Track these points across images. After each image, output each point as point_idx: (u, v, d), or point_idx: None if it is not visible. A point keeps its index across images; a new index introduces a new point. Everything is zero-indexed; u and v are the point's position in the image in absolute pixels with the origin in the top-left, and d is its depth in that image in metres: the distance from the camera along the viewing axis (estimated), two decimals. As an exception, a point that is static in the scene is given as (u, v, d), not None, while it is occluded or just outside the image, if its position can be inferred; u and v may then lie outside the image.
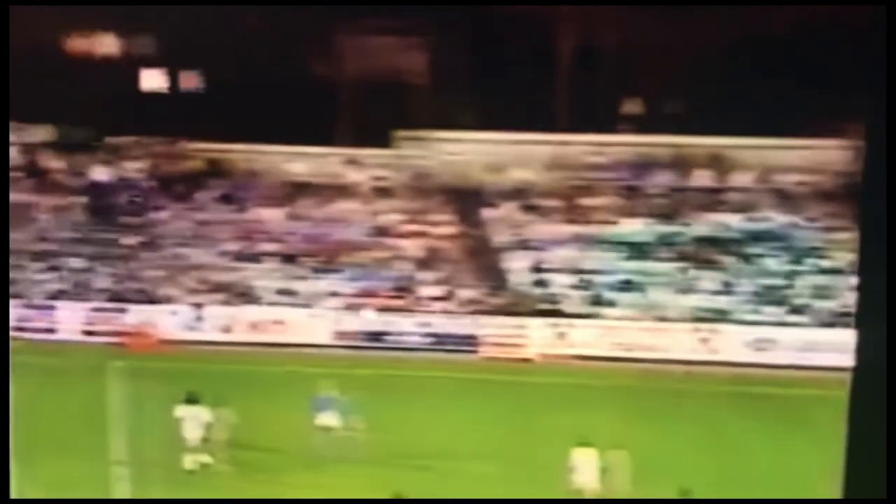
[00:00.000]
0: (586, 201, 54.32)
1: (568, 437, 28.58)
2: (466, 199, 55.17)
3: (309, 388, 34.00)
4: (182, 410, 31.81)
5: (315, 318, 49.34)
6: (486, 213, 54.78)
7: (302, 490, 29.97)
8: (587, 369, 45.32)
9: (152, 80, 62.25)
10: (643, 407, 38.68)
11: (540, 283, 51.25)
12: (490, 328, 48.95)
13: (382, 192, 55.56)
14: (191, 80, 62.43)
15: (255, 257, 52.21)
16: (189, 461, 31.65)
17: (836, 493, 6.37)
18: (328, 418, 32.46)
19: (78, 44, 63.10)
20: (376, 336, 48.88)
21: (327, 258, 52.26)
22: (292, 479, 31.16)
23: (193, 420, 31.55)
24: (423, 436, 35.26)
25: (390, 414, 36.79)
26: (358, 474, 31.24)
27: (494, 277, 51.94)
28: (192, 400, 31.89)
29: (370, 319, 49.14)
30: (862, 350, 6.35)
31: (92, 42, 63.20)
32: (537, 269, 51.85)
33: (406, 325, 49.24)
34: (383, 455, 32.68)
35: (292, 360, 45.21)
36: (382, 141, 57.07)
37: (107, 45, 63.50)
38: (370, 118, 58.71)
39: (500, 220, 54.31)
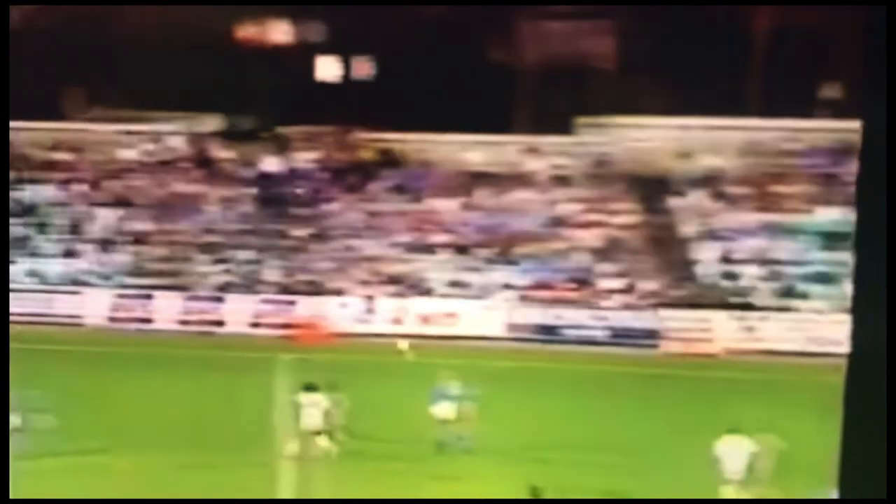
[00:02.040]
0: (779, 189, 53.86)
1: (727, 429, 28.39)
2: (651, 187, 55.13)
3: (461, 379, 34.55)
4: (302, 398, 32.69)
5: (488, 311, 50.11)
6: (673, 201, 54.71)
7: (428, 481, 30.58)
8: (772, 364, 44.95)
9: (326, 68, 63.71)
10: (826, 402, 38.14)
11: (728, 275, 51.05)
12: (673, 322, 48.95)
13: (561, 180, 55.93)
14: (364, 69, 63.78)
15: (428, 248, 53.15)
16: (293, 448, 32.35)
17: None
18: (445, 410, 33.21)
19: (249, 32, 64.95)
20: (550, 329, 49.36)
21: (502, 249, 52.88)
22: (414, 470, 31.69)
23: (313, 407, 32.44)
24: (565, 429, 35.36)
25: (543, 407, 37.30)
26: (495, 467, 31.67)
27: (679, 269, 51.84)
28: (311, 388, 32.83)
29: (545, 312, 49.88)
30: (858, 337, 6.57)
31: (263, 31, 65.01)
32: (726, 259, 51.66)
33: (582, 319, 49.64)
34: (520, 448, 32.80)
35: (461, 353, 45.85)
36: (562, 128, 57.44)
37: (279, 33, 65.23)
38: (550, 104, 59.14)
39: (688, 208, 54.17)
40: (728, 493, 27.30)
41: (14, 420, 30.94)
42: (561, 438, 34.15)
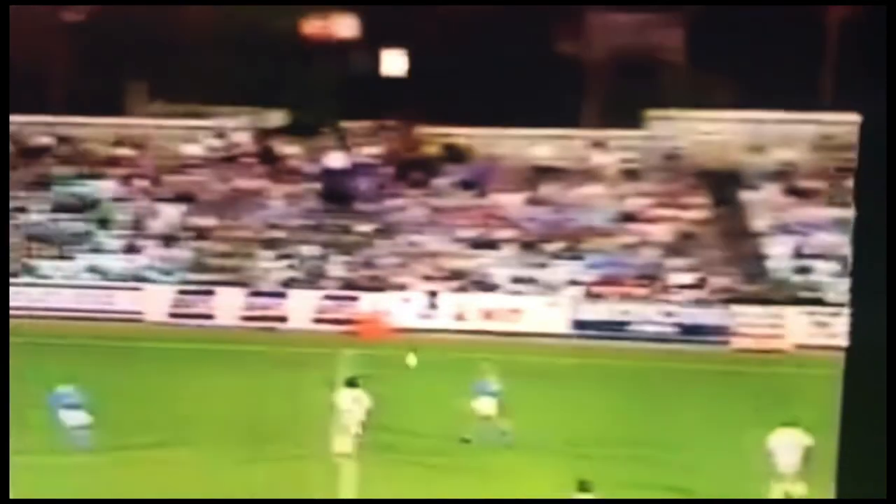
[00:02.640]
0: (852, 183, 53.32)
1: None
2: (722, 182, 54.83)
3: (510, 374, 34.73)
4: (343, 395, 32.99)
5: (553, 307, 50.05)
6: (745, 195, 54.44)
7: (469, 476, 30.65)
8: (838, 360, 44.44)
9: (391, 63, 63.79)
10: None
11: (800, 270, 50.71)
12: (744, 317, 48.65)
13: (630, 174, 55.80)
14: (428, 63, 63.71)
15: (492, 244, 53.15)
16: (343, 444, 32.62)
17: None
18: (485, 405, 33.18)
19: (314, 27, 65.18)
20: (617, 326, 49.24)
21: (568, 244, 52.81)
22: (457, 465, 31.73)
23: (354, 403, 32.72)
24: (617, 425, 35.26)
25: (596, 403, 37.60)
26: (541, 462, 31.69)
27: (751, 264, 51.53)
28: (352, 383, 33.12)
29: (612, 309, 49.80)
30: (856, 331, 6.44)
31: (328, 25, 65.21)
32: (798, 254, 51.34)
33: (651, 315, 49.47)
34: (568, 444, 32.91)
35: (525, 349, 46.01)
36: (632, 121, 57.30)
37: (343, 28, 65.39)
38: (618, 98, 59.02)
39: (760, 203, 53.86)
40: (779, 488, 27.07)
41: (82, 417, 31.55)
42: (611, 434, 34.06)
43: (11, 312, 47.83)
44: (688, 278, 50.80)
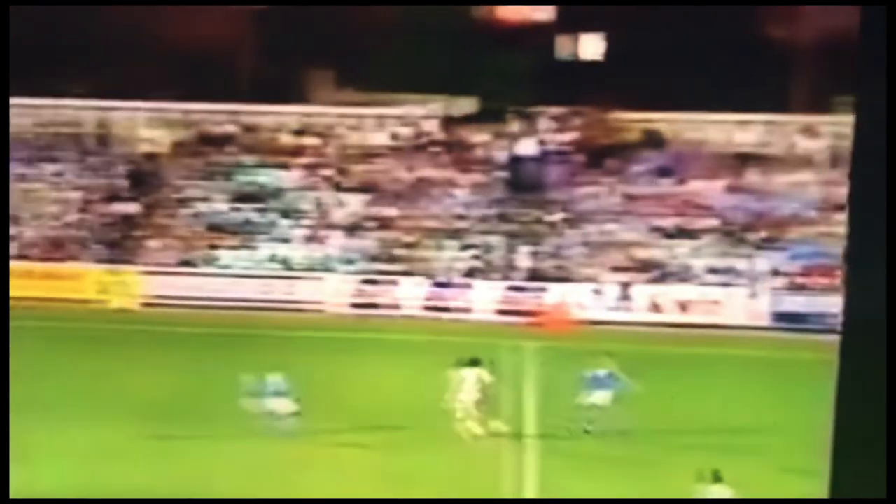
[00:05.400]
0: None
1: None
2: (938, 168, 53.24)
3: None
4: (465, 373, 33.14)
5: (754, 299, 49.08)
6: (961, 183, 52.69)
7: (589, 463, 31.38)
8: None
9: (589, 47, 63.48)
10: None
11: None
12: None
13: (839, 161, 54.49)
14: (624, 46, 63.24)
15: (690, 233, 52.39)
16: (463, 428, 32.85)
17: None
18: (600, 397, 33.23)
19: (507, 11, 65.28)
20: (820, 317, 48.10)
21: (771, 233, 51.82)
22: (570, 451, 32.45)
23: (476, 383, 32.89)
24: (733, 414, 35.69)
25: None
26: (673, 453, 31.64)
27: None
28: (474, 363, 33.31)
29: (812, 301, 48.77)
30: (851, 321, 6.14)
31: (521, 9, 65.22)
32: None
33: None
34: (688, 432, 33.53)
35: (724, 342, 45.51)
36: (842, 107, 55.98)
37: (536, 11, 65.31)
38: (829, 83, 57.70)
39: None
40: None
41: (289, 405, 32.73)
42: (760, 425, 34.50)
43: (194, 302, 49.43)
44: (895, 268, 49.33)
